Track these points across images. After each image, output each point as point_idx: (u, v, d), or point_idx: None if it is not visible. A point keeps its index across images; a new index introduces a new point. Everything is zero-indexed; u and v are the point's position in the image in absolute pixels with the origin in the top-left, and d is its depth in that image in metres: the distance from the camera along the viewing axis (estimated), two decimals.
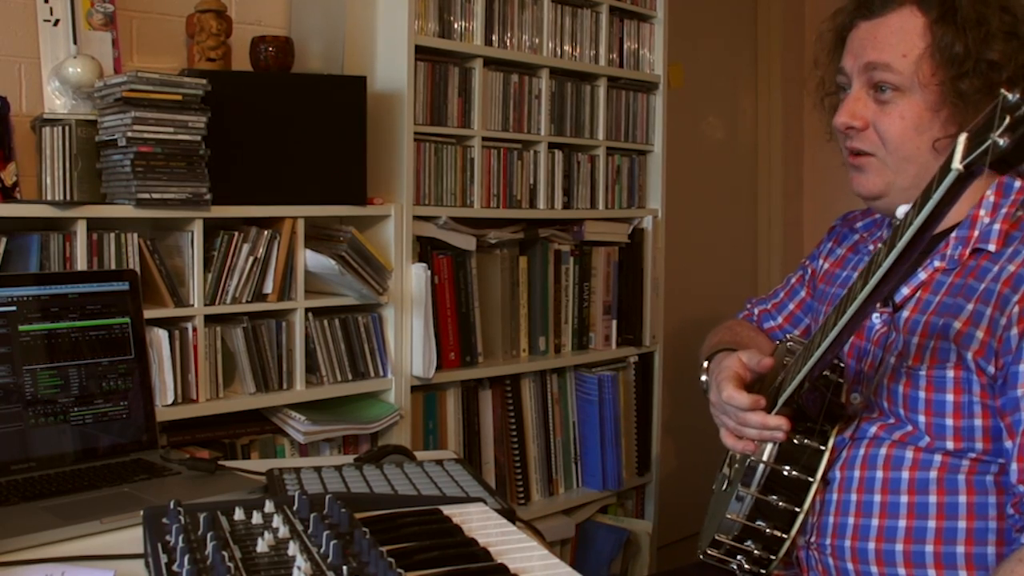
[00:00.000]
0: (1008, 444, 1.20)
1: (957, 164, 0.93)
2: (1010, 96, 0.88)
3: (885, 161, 1.33)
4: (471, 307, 2.38)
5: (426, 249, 2.29)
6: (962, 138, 0.94)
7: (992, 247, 1.27)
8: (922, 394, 1.28)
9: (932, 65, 1.28)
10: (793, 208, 3.82)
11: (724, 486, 1.53)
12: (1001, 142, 0.89)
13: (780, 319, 1.70)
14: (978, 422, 1.24)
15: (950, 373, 1.26)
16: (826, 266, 1.60)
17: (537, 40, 2.48)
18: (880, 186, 1.35)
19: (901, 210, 1.06)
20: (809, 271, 1.67)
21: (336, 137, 2.11)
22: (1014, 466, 1.19)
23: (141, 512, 1.12)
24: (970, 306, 1.25)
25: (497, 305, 2.44)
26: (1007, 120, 0.88)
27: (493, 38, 2.38)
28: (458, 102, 2.32)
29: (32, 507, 1.31)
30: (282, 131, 2.05)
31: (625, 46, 2.71)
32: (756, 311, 1.75)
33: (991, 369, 1.22)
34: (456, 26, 2.31)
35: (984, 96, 1.26)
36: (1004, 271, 1.24)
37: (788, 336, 1.60)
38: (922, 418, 1.28)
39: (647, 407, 2.84)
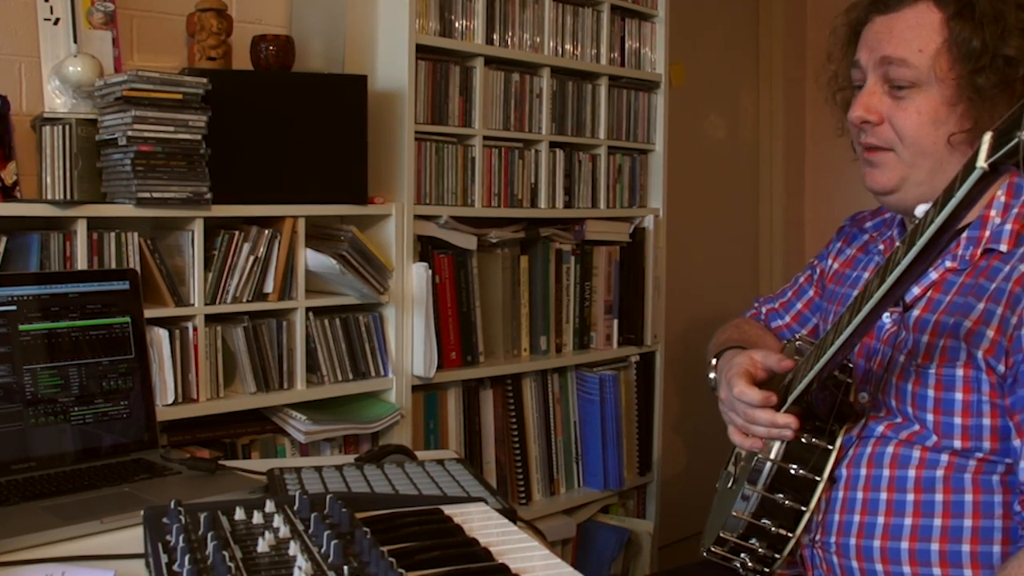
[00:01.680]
0: (1016, 443, 1.20)
1: (982, 162, 0.92)
2: None
3: (901, 156, 1.33)
4: (472, 306, 2.37)
5: (427, 248, 2.28)
6: (987, 136, 0.93)
7: (1004, 247, 1.27)
8: (931, 392, 1.28)
9: (949, 60, 1.28)
10: (795, 207, 3.81)
11: (729, 484, 1.52)
12: None
13: (788, 318, 1.70)
14: (987, 421, 1.24)
15: (959, 372, 1.25)
16: (835, 266, 1.60)
17: (538, 39, 2.47)
18: (895, 181, 1.34)
19: (920, 209, 1.05)
20: (818, 271, 1.67)
21: (337, 136, 2.10)
22: (1022, 464, 1.19)
23: (141, 512, 1.11)
24: (981, 305, 1.25)
25: (498, 304, 2.44)
26: None
27: (494, 37, 2.37)
28: (459, 101, 2.31)
29: (32, 507, 1.30)
30: (283, 130, 2.04)
31: (626, 45, 2.70)
32: (764, 310, 1.75)
33: (1001, 368, 1.22)
34: (457, 25, 2.30)
35: (1000, 92, 1.26)
36: (1016, 271, 1.24)
37: (796, 335, 1.59)
38: (930, 416, 1.28)
39: (648, 407, 2.83)
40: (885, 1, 1.34)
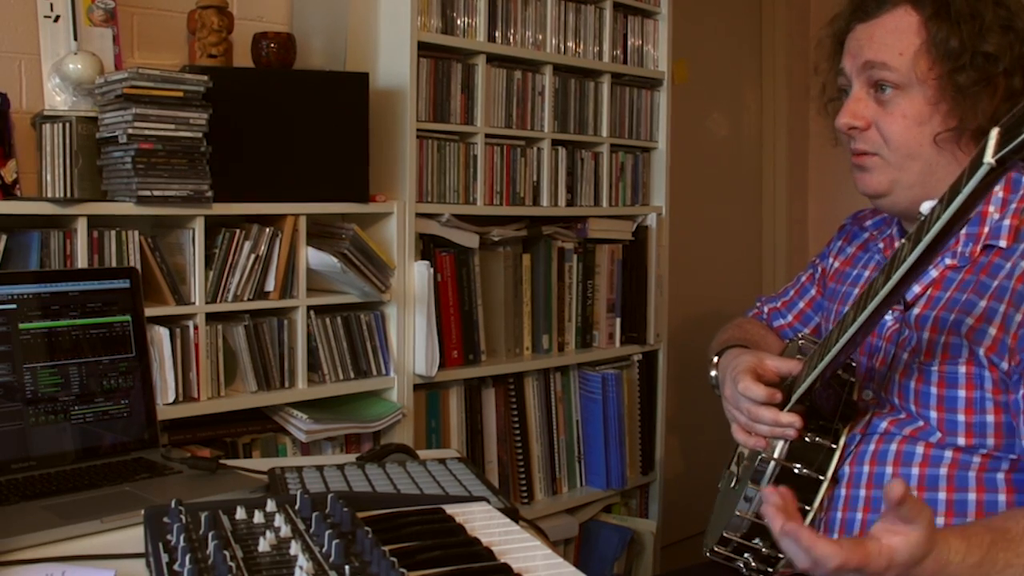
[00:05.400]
0: None
1: (989, 158, 0.92)
2: None
3: (888, 160, 1.34)
4: (474, 305, 2.37)
5: (429, 247, 2.28)
6: (994, 132, 0.93)
7: (1003, 243, 1.28)
8: (934, 390, 1.27)
9: (929, 60, 1.30)
10: (798, 205, 3.81)
11: (732, 484, 1.52)
12: None
13: (790, 317, 1.70)
14: (990, 418, 1.24)
15: (962, 369, 1.25)
16: (836, 264, 1.60)
17: (540, 36, 2.46)
18: (885, 184, 1.36)
19: (926, 206, 1.05)
20: (819, 269, 1.67)
21: (338, 134, 2.10)
22: None
23: (142, 511, 1.11)
24: (983, 303, 1.25)
25: (500, 303, 2.43)
26: None
27: (496, 34, 2.37)
28: (461, 99, 2.31)
29: (32, 506, 1.30)
30: (284, 128, 2.04)
31: (629, 42, 2.69)
32: (766, 309, 1.75)
33: (1004, 365, 1.21)
34: (459, 22, 2.29)
35: (982, 89, 1.28)
36: (1017, 267, 1.24)
37: (799, 334, 1.59)
38: (934, 414, 1.27)
39: (651, 405, 2.83)
40: (865, 9, 1.37)
